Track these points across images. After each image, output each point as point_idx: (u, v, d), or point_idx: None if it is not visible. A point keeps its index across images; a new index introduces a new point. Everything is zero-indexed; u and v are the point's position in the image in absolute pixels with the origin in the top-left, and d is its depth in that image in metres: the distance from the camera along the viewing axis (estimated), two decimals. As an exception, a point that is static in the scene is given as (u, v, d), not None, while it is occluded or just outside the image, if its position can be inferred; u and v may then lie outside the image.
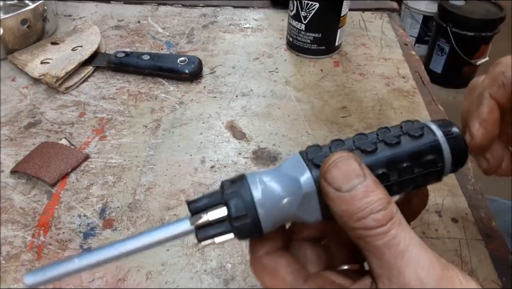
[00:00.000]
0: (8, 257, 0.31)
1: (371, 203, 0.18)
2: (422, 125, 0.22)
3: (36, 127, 0.42)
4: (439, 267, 0.17)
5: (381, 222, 0.17)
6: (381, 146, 0.21)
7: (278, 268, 0.20)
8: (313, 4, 0.49)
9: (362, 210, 0.18)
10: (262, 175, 0.20)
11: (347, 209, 0.18)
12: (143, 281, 0.30)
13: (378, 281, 0.18)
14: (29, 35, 0.52)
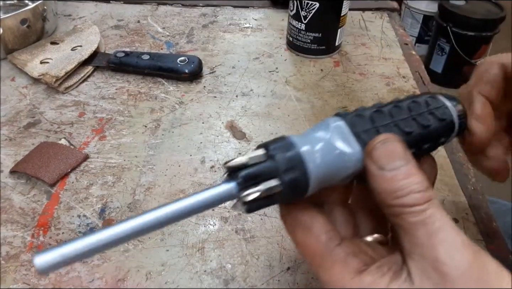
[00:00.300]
0: (7, 257, 0.31)
1: (411, 184, 0.18)
2: (443, 105, 0.23)
3: (35, 127, 0.42)
4: (472, 251, 0.18)
5: (419, 201, 0.18)
6: (414, 126, 0.22)
7: (314, 226, 0.20)
8: (313, 4, 0.49)
9: (401, 189, 0.18)
10: (308, 136, 0.20)
11: (386, 187, 0.19)
12: (142, 281, 0.30)
13: (408, 258, 0.18)
14: (29, 35, 0.52)
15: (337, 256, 0.20)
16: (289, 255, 0.32)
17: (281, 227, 0.33)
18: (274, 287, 0.30)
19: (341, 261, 0.20)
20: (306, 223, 0.21)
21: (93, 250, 0.17)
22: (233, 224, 0.34)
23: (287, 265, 0.31)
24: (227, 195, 0.19)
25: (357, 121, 0.21)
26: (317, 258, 0.20)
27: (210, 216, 0.34)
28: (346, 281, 0.19)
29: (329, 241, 0.20)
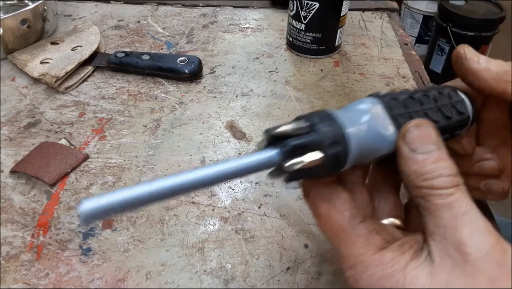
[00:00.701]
0: (7, 257, 0.31)
1: (440, 168, 0.19)
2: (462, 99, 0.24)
3: (35, 127, 0.42)
4: (495, 236, 0.18)
5: (447, 185, 0.19)
6: (440, 117, 0.23)
7: (338, 201, 0.21)
8: (313, 4, 0.49)
9: (431, 172, 0.19)
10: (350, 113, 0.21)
11: (416, 169, 0.19)
12: (142, 281, 0.30)
13: (430, 239, 0.19)
14: (29, 35, 0.52)
15: (360, 232, 0.20)
16: (289, 255, 0.32)
17: (281, 227, 0.33)
18: (274, 287, 0.30)
19: (364, 237, 0.20)
20: (331, 198, 0.21)
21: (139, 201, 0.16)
22: (233, 224, 0.34)
23: (287, 265, 0.31)
24: (269, 162, 0.19)
25: (393, 105, 0.22)
26: (339, 232, 0.20)
27: (210, 216, 0.34)
28: (367, 257, 0.19)
29: (353, 217, 0.20)
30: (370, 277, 0.19)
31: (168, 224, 0.34)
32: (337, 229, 0.20)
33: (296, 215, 0.35)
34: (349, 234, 0.20)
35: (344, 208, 0.21)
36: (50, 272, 0.30)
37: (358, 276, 0.19)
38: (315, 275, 0.30)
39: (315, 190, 0.21)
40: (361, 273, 0.19)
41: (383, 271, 0.19)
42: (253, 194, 0.36)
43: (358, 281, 0.19)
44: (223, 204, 0.35)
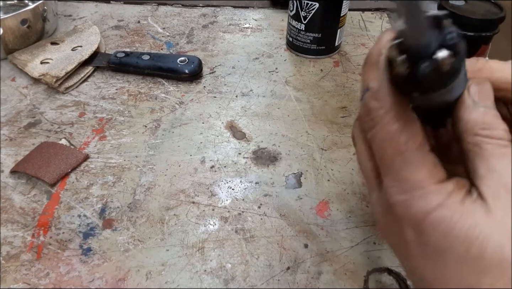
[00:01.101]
0: (8, 257, 0.31)
1: (498, 123, 0.20)
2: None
3: (36, 127, 0.42)
4: None
5: (504, 137, 0.20)
6: None
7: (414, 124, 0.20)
8: (313, 4, 0.49)
9: (490, 123, 0.20)
10: None
11: (477, 118, 0.20)
12: (143, 281, 0.30)
13: (481, 182, 0.19)
14: (29, 35, 0.52)
15: (428, 160, 0.20)
16: (289, 255, 0.32)
17: (281, 227, 0.34)
18: (274, 287, 0.30)
19: (430, 165, 0.20)
20: (407, 118, 0.20)
21: None
22: (233, 224, 0.34)
23: (287, 265, 0.31)
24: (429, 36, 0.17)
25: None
26: (407, 154, 0.20)
27: (210, 215, 0.34)
28: (429, 184, 0.19)
29: (424, 144, 0.20)
30: (426, 204, 0.19)
31: (168, 224, 0.34)
32: (404, 150, 0.20)
33: (296, 215, 0.35)
34: (417, 158, 0.20)
35: (418, 132, 0.20)
36: (50, 272, 0.30)
37: (413, 201, 0.19)
38: (315, 275, 0.30)
39: (393, 105, 0.20)
40: (418, 199, 0.19)
41: (441, 200, 0.19)
42: (253, 194, 0.36)
43: (411, 206, 0.19)
44: (223, 203, 0.35)
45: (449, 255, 0.18)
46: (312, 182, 0.37)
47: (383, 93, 0.20)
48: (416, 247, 0.19)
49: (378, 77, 0.21)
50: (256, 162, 0.39)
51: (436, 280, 0.19)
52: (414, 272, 0.20)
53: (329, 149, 0.41)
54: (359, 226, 0.34)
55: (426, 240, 0.19)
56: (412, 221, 0.19)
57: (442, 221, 0.18)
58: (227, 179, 0.38)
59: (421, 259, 0.19)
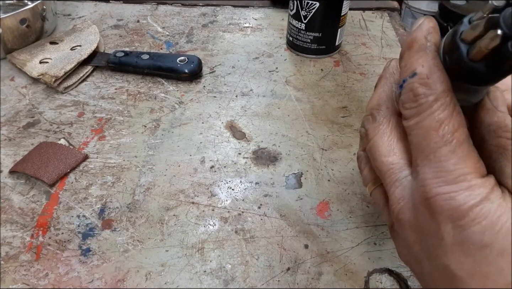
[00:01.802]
0: (7, 258, 0.31)
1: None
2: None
3: (35, 127, 0.42)
4: None
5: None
6: None
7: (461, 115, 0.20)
8: (313, 4, 0.48)
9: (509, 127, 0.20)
10: None
11: (498, 121, 0.21)
12: (142, 281, 0.30)
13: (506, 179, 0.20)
14: (28, 34, 0.52)
15: (474, 154, 0.20)
16: (289, 255, 0.31)
17: (281, 227, 0.33)
18: (274, 287, 0.30)
19: (475, 159, 0.19)
20: (457, 110, 0.20)
21: None
22: (233, 224, 0.34)
23: (287, 265, 0.31)
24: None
25: None
26: (455, 143, 0.19)
27: (210, 216, 0.34)
28: (473, 177, 0.19)
29: (469, 137, 0.20)
30: (472, 197, 0.18)
31: (168, 224, 0.33)
32: (452, 139, 0.19)
33: (296, 215, 0.34)
34: (464, 150, 0.19)
35: (464, 123, 0.20)
36: (49, 273, 0.30)
37: (457, 194, 0.19)
38: (315, 275, 0.30)
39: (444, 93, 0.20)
40: (463, 191, 0.19)
41: (486, 194, 0.18)
42: (253, 194, 0.36)
43: (454, 199, 0.19)
44: (223, 204, 0.35)
45: (491, 249, 0.18)
46: (312, 182, 0.37)
47: (434, 79, 0.20)
48: (453, 242, 0.19)
49: (427, 63, 0.20)
50: (256, 162, 0.39)
51: (471, 276, 0.18)
52: (444, 270, 0.20)
53: (329, 149, 0.40)
54: (360, 226, 0.34)
55: (467, 235, 0.18)
56: (455, 214, 0.19)
57: (486, 215, 0.18)
58: (227, 179, 0.37)
59: (457, 255, 0.19)
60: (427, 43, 0.20)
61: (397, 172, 0.22)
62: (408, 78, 0.21)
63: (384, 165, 0.23)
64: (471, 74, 0.19)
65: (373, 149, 0.24)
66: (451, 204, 0.19)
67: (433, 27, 0.21)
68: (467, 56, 0.19)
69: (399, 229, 0.23)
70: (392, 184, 0.22)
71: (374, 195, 0.26)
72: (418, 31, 0.21)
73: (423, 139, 0.20)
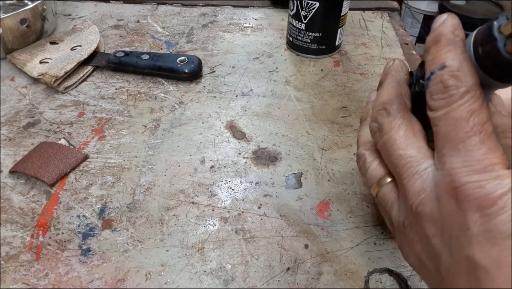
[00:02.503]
0: (7, 258, 0.31)
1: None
2: None
3: (35, 127, 0.42)
4: None
5: None
6: None
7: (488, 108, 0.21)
8: (313, 4, 0.49)
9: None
10: None
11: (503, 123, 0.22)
12: (142, 281, 0.30)
13: None
14: (28, 34, 0.52)
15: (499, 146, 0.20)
16: (289, 255, 0.32)
17: (281, 227, 0.33)
18: (274, 287, 0.30)
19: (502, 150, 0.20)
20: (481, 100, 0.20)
21: None
22: (233, 224, 0.34)
23: (287, 265, 0.31)
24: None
25: None
26: (485, 134, 0.19)
27: (210, 216, 0.34)
28: (502, 168, 0.19)
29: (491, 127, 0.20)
30: (500, 186, 0.18)
31: (168, 224, 0.33)
32: (483, 130, 0.20)
33: (296, 215, 0.34)
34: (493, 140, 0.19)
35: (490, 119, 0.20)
36: (49, 273, 0.30)
37: (487, 182, 0.19)
38: (315, 275, 0.30)
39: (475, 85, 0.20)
40: (492, 180, 0.19)
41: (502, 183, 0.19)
42: (253, 194, 0.36)
43: (484, 187, 0.19)
44: (223, 204, 0.35)
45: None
46: (312, 182, 0.37)
47: (465, 71, 0.20)
48: (480, 231, 0.19)
49: (457, 56, 0.20)
50: (256, 162, 0.39)
51: (497, 266, 0.18)
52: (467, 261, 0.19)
53: (329, 149, 0.40)
54: (360, 226, 0.34)
55: (494, 224, 0.18)
56: (483, 203, 0.19)
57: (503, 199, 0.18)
58: (227, 179, 0.37)
59: (483, 245, 0.19)
60: (455, 38, 0.21)
61: (416, 165, 0.22)
62: (437, 71, 0.21)
63: (402, 158, 0.23)
64: (505, 68, 0.19)
65: (389, 143, 0.24)
66: (480, 192, 0.19)
67: (458, 23, 0.21)
68: (504, 47, 0.19)
69: (414, 223, 0.22)
70: (411, 176, 0.22)
71: (383, 192, 0.26)
72: (443, 27, 0.22)
73: (453, 129, 0.20)
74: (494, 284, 0.18)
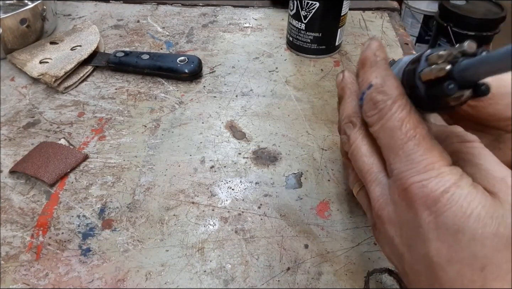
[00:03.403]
0: (7, 258, 0.31)
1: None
2: None
3: (35, 127, 0.42)
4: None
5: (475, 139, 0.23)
6: None
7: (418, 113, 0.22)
8: (313, 4, 0.49)
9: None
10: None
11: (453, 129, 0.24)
12: (142, 281, 0.30)
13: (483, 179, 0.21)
14: (28, 34, 0.52)
15: (437, 145, 0.21)
16: (289, 255, 0.32)
17: (281, 227, 0.33)
18: (274, 287, 0.30)
19: (440, 149, 0.21)
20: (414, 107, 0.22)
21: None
22: (233, 224, 0.34)
23: (287, 265, 0.31)
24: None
25: None
26: (419, 137, 0.21)
27: (210, 216, 0.34)
28: (441, 165, 0.20)
29: (430, 131, 0.21)
30: (442, 183, 0.19)
31: (168, 224, 0.33)
32: (416, 133, 0.21)
33: (296, 215, 0.34)
34: (428, 141, 0.21)
35: (422, 120, 0.22)
36: (49, 272, 0.30)
37: (428, 181, 0.20)
38: (315, 275, 0.30)
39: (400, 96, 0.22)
40: (433, 178, 0.20)
41: (455, 180, 0.19)
42: (253, 194, 0.36)
43: (427, 186, 0.20)
44: (223, 204, 0.35)
45: (464, 233, 0.19)
46: (312, 182, 0.37)
47: (389, 86, 0.22)
48: (431, 229, 0.20)
49: (380, 74, 0.23)
50: (256, 162, 0.39)
51: (448, 262, 0.19)
52: (424, 258, 0.20)
53: (329, 148, 0.40)
54: (360, 226, 0.34)
55: (441, 220, 0.19)
56: (429, 200, 0.20)
57: (458, 199, 0.19)
58: (227, 179, 0.37)
59: (435, 242, 0.19)
60: (377, 58, 0.24)
61: (376, 172, 0.24)
62: (366, 90, 0.23)
63: (365, 164, 0.24)
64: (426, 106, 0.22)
65: (355, 151, 0.25)
66: (424, 191, 0.20)
67: (380, 45, 0.24)
68: (420, 71, 0.21)
69: (380, 227, 0.24)
70: (372, 182, 0.24)
71: (359, 198, 0.28)
72: (367, 51, 0.24)
73: (390, 138, 0.22)
74: (448, 280, 0.19)
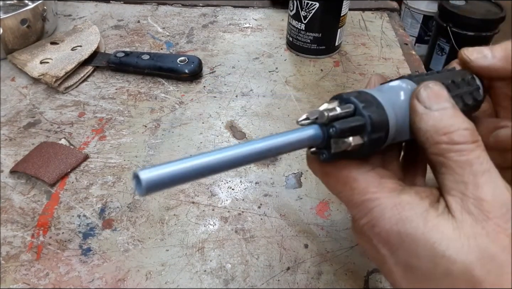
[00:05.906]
0: (7, 257, 0.31)
1: (458, 123, 0.19)
2: (478, 86, 0.25)
3: (35, 127, 0.42)
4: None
5: (467, 139, 0.18)
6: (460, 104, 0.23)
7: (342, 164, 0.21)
8: (313, 4, 0.49)
9: (450, 126, 0.19)
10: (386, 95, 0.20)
11: (434, 124, 0.19)
12: (142, 281, 0.30)
13: (448, 195, 0.18)
14: (29, 35, 0.52)
15: (371, 178, 0.20)
16: (289, 255, 0.32)
17: (281, 227, 0.33)
18: (274, 287, 0.30)
19: (376, 181, 0.20)
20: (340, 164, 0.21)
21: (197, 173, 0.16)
22: (233, 224, 0.34)
23: (287, 265, 0.31)
24: (313, 140, 0.19)
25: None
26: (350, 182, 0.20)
27: (210, 216, 0.34)
28: (383, 200, 0.19)
29: (361, 167, 0.20)
30: (387, 221, 0.18)
31: (168, 224, 0.34)
32: (346, 180, 0.20)
33: (296, 215, 0.35)
34: (359, 181, 0.20)
35: (352, 162, 0.20)
36: (50, 272, 0.30)
37: (374, 221, 0.19)
38: (315, 275, 0.30)
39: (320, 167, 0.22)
40: (378, 217, 0.19)
41: (400, 213, 0.18)
42: (253, 194, 0.36)
43: (374, 226, 0.19)
44: (223, 204, 0.35)
45: (418, 271, 0.18)
46: (312, 182, 0.37)
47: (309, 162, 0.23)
48: (392, 264, 0.19)
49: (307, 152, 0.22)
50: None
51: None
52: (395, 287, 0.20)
53: (329, 148, 0.41)
54: (359, 226, 0.34)
55: (398, 257, 0.19)
56: (382, 240, 0.19)
57: (405, 237, 0.18)
58: (227, 179, 0.38)
59: (396, 275, 0.19)
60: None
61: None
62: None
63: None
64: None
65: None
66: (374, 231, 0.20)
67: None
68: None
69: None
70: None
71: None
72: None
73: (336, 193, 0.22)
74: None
